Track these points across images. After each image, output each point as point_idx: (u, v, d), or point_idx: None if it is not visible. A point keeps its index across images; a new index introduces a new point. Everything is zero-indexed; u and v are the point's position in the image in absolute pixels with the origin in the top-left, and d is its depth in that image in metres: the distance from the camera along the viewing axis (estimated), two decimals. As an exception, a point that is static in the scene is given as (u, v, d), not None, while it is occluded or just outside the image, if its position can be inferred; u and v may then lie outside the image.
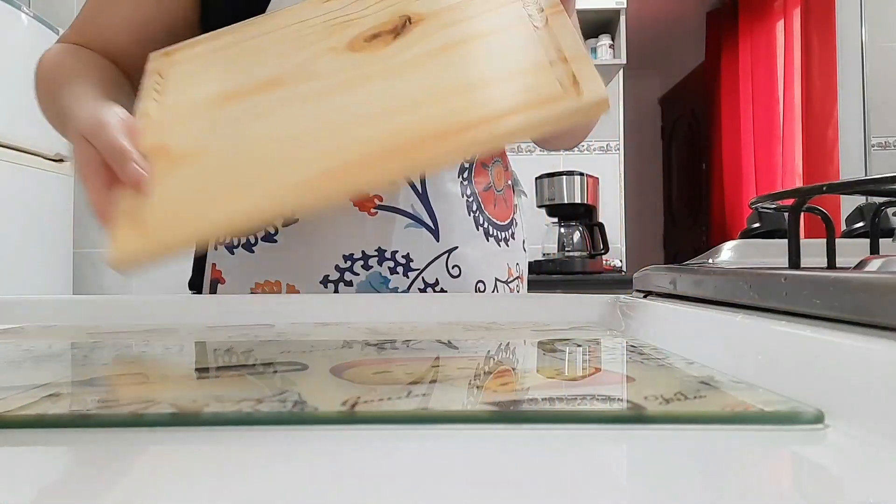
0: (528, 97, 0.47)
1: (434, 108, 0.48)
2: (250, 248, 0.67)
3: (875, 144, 2.43)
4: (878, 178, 0.51)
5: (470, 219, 0.70)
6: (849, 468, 0.17)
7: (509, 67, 0.50)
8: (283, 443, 0.19)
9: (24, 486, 0.16)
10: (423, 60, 0.52)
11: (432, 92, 0.49)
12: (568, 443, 0.19)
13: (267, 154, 0.49)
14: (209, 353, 0.35)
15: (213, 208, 0.47)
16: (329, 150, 0.47)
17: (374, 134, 0.47)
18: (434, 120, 0.47)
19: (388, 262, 0.65)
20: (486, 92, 0.48)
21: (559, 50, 0.49)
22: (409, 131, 0.47)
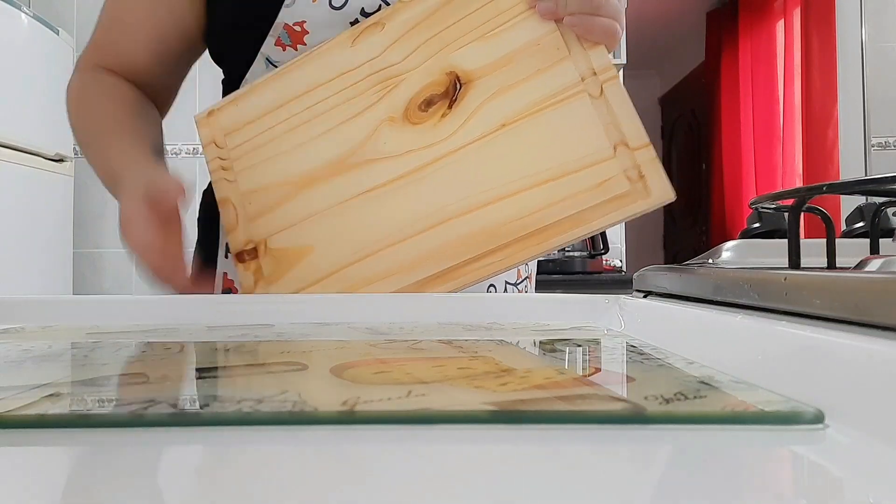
0: (602, 197, 0.49)
1: (517, 205, 0.51)
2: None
3: (875, 144, 2.43)
4: (878, 178, 0.51)
5: None
6: (849, 468, 0.17)
7: (578, 153, 0.51)
8: (283, 443, 0.19)
9: (24, 486, 0.16)
10: (491, 142, 0.53)
11: (511, 181, 0.52)
12: (568, 443, 0.19)
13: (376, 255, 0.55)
14: (209, 353, 0.35)
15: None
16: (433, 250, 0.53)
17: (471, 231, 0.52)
18: (521, 223, 0.51)
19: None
20: (562, 187, 0.50)
21: (619, 130, 0.50)
22: (500, 233, 0.52)
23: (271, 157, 0.59)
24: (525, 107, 0.53)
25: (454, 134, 0.54)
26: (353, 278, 0.55)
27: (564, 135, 0.52)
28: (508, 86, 0.54)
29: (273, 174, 0.59)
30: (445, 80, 0.55)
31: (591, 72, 0.52)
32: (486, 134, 0.53)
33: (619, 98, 0.51)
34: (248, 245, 0.58)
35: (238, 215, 0.59)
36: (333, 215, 0.56)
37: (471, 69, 0.55)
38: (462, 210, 0.53)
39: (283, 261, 0.57)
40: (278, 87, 0.61)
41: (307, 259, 0.56)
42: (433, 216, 0.53)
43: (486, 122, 0.54)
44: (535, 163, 0.52)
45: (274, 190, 0.59)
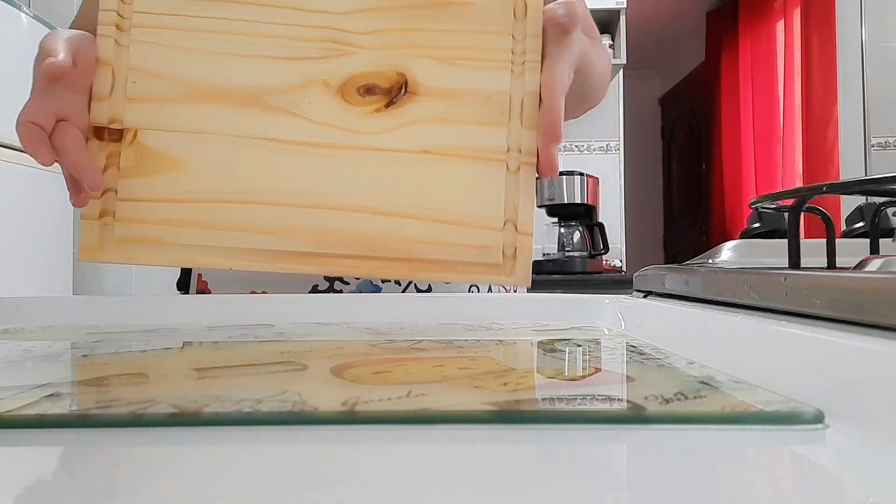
0: (475, 258, 0.54)
1: (403, 228, 0.53)
2: None
3: (875, 144, 2.43)
4: (878, 178, 0.51)
5: None
6: (849, 468, 0.17)
7: (472, 211, 0.54)
8: (283, 443, 0.19)
9: (25, 486, 0.16)
10: (406, 159, 0.54)
11: (405, 203, 0.53)
12: (568, 443, 0.19)
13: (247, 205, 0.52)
14: (209, 353, 0.35)
15: (185, 244, 0.52)
16: (304, 229, 0.52)
17: (349, 232, 0.52)
18: (400, 245, 0.52)
19: None
20: (447, 232, 0.53)
21: (515, 210, 0.53)
22: (378, 246, 0.52)
23: (180, 47, 0.54)
24: (451, 146, 0.54)
25: (378, 134, 0.53)
26: (212, 217, 0.52)
27: (470, 188, 0.53)
28: (446, 118, 0.54)
29: (173, 66, 0.54)
30: (393, 78, 0.54)
31: (518, 149, 0.54)
32: (405, 150, 0.54)
33: (528, 183, 0.54)
34: (113, 124, 0.53)
35: (114, 87, 0.53)
36: (221, 143, 0.53)
37: (421, 83, 0.54)
38: (350, 206, 0.52)
39: (148, 161, 0.52)
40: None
41: (175, 173, 0.52)
42: (320, 197, 0.52)
43: (412, 139, 0.54)
44: (434, 199, 0.53)
45: (167, 82, 0.53)
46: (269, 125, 0.53)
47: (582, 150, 2.57)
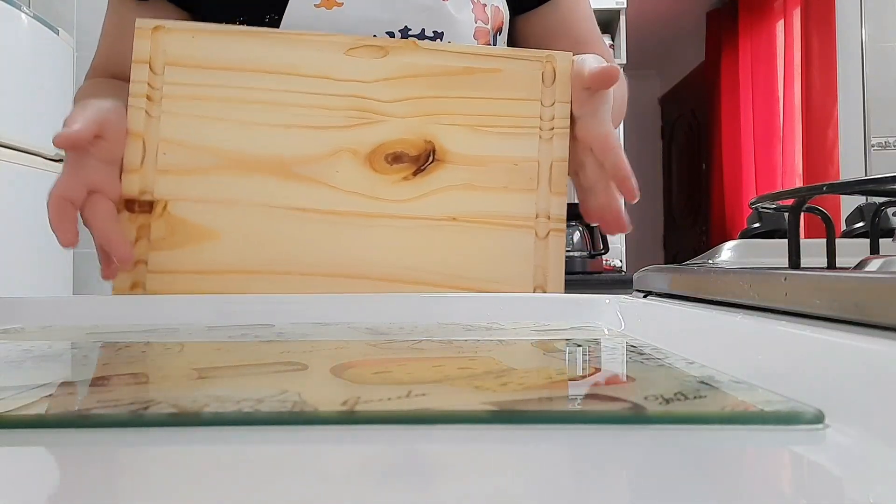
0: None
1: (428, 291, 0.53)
2: None
3: (875, 144, 2.43)
4: (878, 178, 0.51)
5: None
6: (849, 468, 0.17)
7: (500, 276, 0.54)
8: (283, 443, 0.19)
9: (24, 486, 0.16)
10: (433, 226, 0.54)
11: (431, 273, 0.53)
12: (568, 443, 0.19)
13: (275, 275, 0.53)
14: (209, 353, 0.35)
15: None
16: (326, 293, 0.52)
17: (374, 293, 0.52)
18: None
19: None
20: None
21: (545, 276, 0.53)
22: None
23: (209, 117, 0.53)
24: (479, 213, 0.54)
25: (407, 202, 0.53)
26: (240, 289, 0.52)
27: (499, 255, 0.54)
28: (474, 185, 0.54)
29: (203, 136, 0.53)
30: (421, 147, 0.54)
31: (547, 215, 0.54)
32: (434, 218, 0.54)
33: (557, 248, 0.54)
34: (144, 195, 0.52)
35: (145, 158, 0.53)
36: (250, 213, 0.53)
37: (449, 150, 0.54)
38: (377, 275, 0.52)
39: (180, 233, 0.52)
40: (251, 47, 0.54)
41: (204, 244, 0.52)
42: (347, 266, 0.53)
43: (440, 206, 0.54)
44: (463, 265, 0.53)
45: (197, 152, 0.53)
46: (298, 194, 0.53)
47: (582, 150, 2.57)
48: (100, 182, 0.51)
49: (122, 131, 0.52)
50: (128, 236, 0.52)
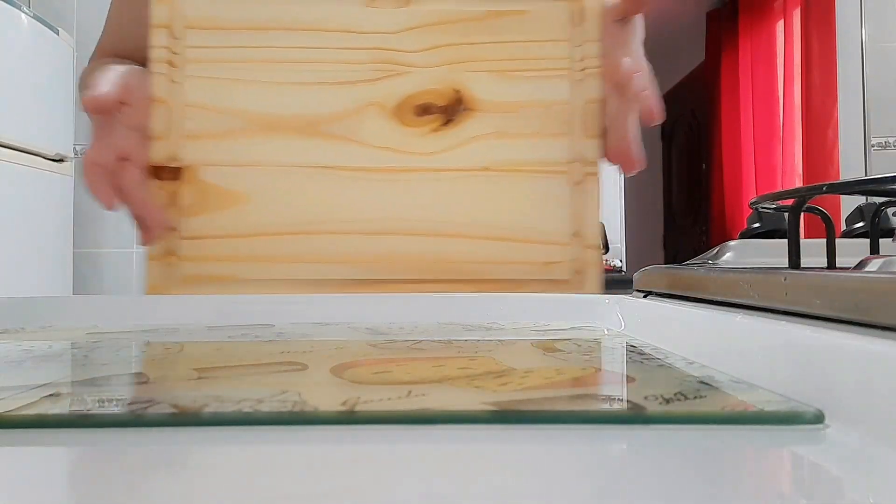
0: (542, 274, 0.51)
1: (466, 247, 0.52)
2: None
3: (875, 144, 2.43)
4: (878, 178, 0.51)
5: None
6: (849, 468, 0.17)
7: (539, 227, 0.52)
8: (283, 443, 0.19)
9: (24, 486, 0.16)
10: (466, 177, 0.53)
11: (469, 223, 0.52)
12: (568, 443, 0.19)
13: (310, 235, 0.52)
14: (209, 353, 0.35)
15: (249, 279, 0.52)
16: (369, 256, 0.52)
17: (412, 253, 0.52)
18: (464, 264, 0.51)
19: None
20: (512, 250, 0.52)
21: (582, 222, 0.52)
22: (442, 266, 0.52)
23: (233, 80, 0.53)
24: (512, 162, 0.53)
25: (437, 154, 0.52)
26: (275, 251, 0.51)
27: (534, 203, 0.52)
28: (505, 133, 0.53)
29: (228, 99, 0.53)
30: (450, 95, 0.53)
31: (581, 160, 0.53)
32: (466, 168, 0.53)
33: (593, 194, 0.53)
34: (172, 163, 0.52)
35: (171, 124, 0.52)
36: (280, 174, 0.52)
37: (478, 98, 0.53)
38: (412, 230, 0.52)
39: (209, 197, 0.52)
40: (270, 6, 0.53)
41: (235, 208, 0.52)
42: (381, 223, 0.52)
43: (471, 157, 0.52)
44: (498, 216, 0.52)
45: (223, 116, 0.52)
46: (327, 153, 0.53)
47: (582, 150, 2.57)
48: (128, 149, 0.50)
49: (145, 96, 0.51)
50: (157, 201, 0.52)
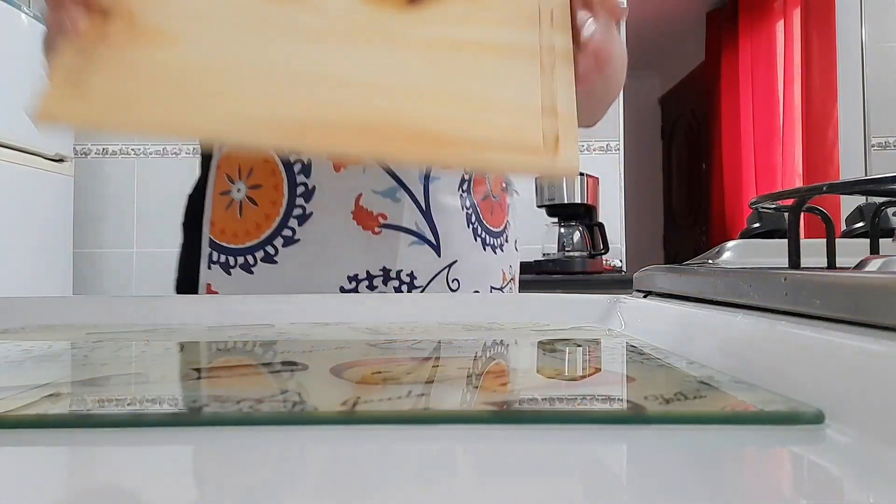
0: (511, 139, 0.47)
1: (425, 106, 0.47)
2: (249, 269, 0.65)
3: (875, 144, 2.43)
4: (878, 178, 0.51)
5: (469, 231, 0.69)
6: (848, 468, 0.17)
7: (506, 97, 0.49)
8: (283, 443, 0.19)
9: (24, 486, 0.16)
10: (430, 47, 0.49)
11: (429, 89, 0.48)
12: (568, 443, 0.19)
13: (244, 78, 0.46)
14: (209, 352, 0.35)
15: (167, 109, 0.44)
16: (311, 103, 0.45)
17: (360, 106, 0.46)
18: (420, 120, 0.46)
19: (392, 281, 0.65)
20: (477, 114, 0.47)
21: (553, 100, 0.49)
22: (394, 120, 0.45)
23: None
24: (478, 40, 0.50)
25: (402, 29, 0.49)
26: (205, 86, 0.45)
27: (503, 81, 0.49)
28: (474, 15, 0.51)
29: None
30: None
31: (551, 48, 0.51)
32: (433, 39, 0.49)
33: (566, 78, 0.49)
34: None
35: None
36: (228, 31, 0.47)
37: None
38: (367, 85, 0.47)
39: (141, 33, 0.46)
40: None
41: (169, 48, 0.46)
42: (332, 78, 0.46)
43: (438, 32, 0.50)
44: (465, 86, 0.48)
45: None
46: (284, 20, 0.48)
47: (582, 150, 2.57)
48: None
49: None
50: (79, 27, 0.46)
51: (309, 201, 0.65)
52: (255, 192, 0.66)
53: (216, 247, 0.66)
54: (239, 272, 0.65)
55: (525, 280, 2.31)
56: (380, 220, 0.65)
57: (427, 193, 0.66)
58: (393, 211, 0.65)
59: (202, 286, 0.65)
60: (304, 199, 0.65)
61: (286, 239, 0.64)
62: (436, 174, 0.67)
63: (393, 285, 0.65)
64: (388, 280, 0.65)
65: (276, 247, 0.64)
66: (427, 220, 0.67)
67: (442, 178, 0.68)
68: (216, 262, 0.65)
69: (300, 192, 0.65)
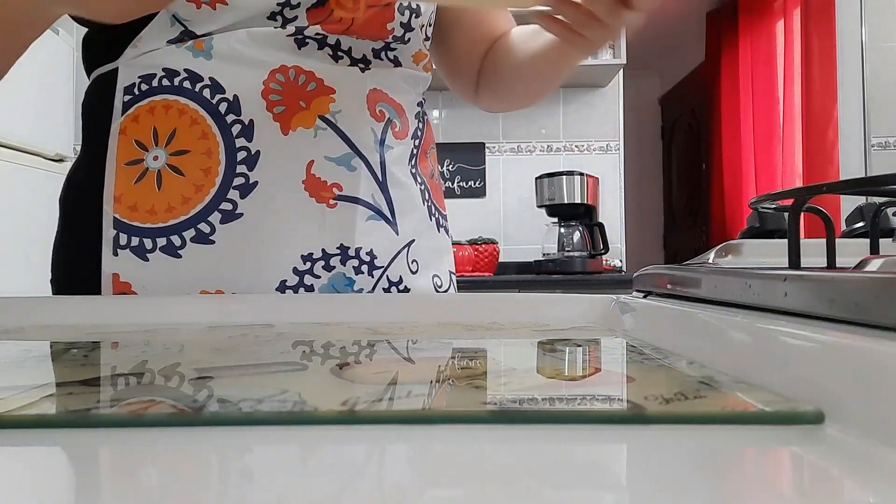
0: None
1: None
2: (175, 251, 0.54)
3: (875, 144, 2.43)
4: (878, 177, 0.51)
5: (424, 209, 0.65)
6: (848, 468, 0.17)
7: None
8: (283, 443, 0.19)
9: (25, 486, 0.16)
10: None
11: None
12: (568, 443, 0.19)
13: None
14: (209, 353, 0.35)
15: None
16: None
17: None
18: None
19: (351, 260, 0.58)
20: None
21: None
22: None
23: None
24: None
25: None
26: None
27: None
28: None
29: None
30: None
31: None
32: None
33: None
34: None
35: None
36: None
37: None
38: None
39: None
40: None
41: None
42: None
43: None
44: None
45: None
46: None
47: (582, 150, 2.57)
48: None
49: None
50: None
51: (253, 169, 0.55)
52: (178, 158, 0.55)
53: (124, 227, 0.55)
54: (160, 257, 0.54)
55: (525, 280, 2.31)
56: (334, 190, 0.57)
57: (383, 163, 0.60)
58: (348, 181, 0.58)
59: (106, 278, 0.55)
60: (245, 165, 0.55)
61: (225, 214, 0.55)
62: (389, 143, 0.61)
63: (352, 265, 0.58)
64: (347, 259, 0.58)
65: (212, 223, 0.55)
66: (384, 192, 0.60)
67: (395, 147, 0.62)
68: (125, 247, 0.55)
69: (241, 158, 0.55)
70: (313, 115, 0.57)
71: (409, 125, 0.65)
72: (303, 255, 0.56)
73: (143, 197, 0.55)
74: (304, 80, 0.57)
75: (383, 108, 0.61)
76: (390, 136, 0.62)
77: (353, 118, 0.59)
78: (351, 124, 0.59)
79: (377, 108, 0.61)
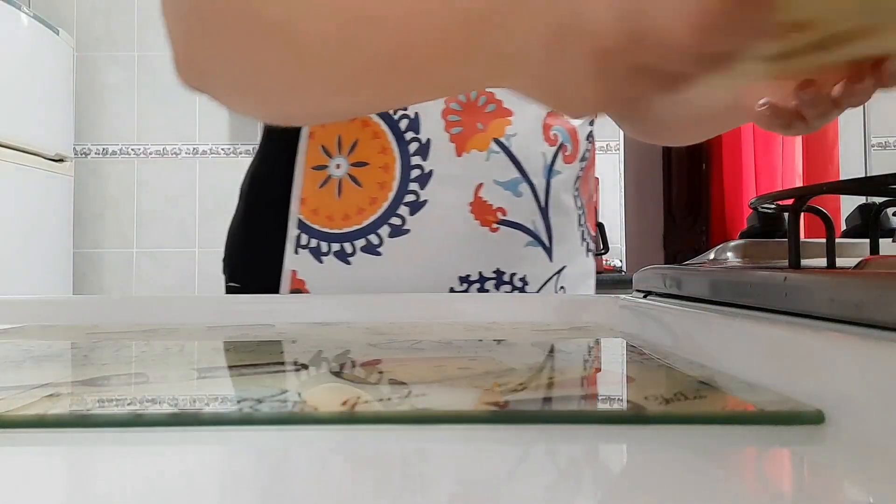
0: None
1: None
2: (345, 258, 0.57)
3: (875, 144, 2.44)
4: (878, 177, 0.51)
5: (578, 234, 0.65)
6: (849, 468, 0.17)
7: None
8: (283, 443, 0.19)
9: (25, 486, 0.16)
10: None
11: None
12: (568, 443, 0.19)
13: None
14: (210, 352, 0.35)
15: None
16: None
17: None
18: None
19: (504, 285, 0.59)
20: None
21: None
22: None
23: None
24: None
25: None
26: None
27: None
28: None
29: None
30: None
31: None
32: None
33: None
34: None
35: None
36: None
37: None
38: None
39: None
40: None
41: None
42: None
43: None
44: None
45: None
46: None
47: (582, 150, 2.57)
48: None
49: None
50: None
51: (424, 188, 0.57)
52: (358, 170, 0.57)
53: (306, 229, 0.58)
54: (333, 261, 0.57)
55: (525, 280, 2.28)
56: (498, 214, 0.58)
57: (548, 189, 0.60)
58: (513, 206, 0.58)
59: (286, 273, 0.58)
60: (418, 183, 0.57)
61: (394, 228, 0.57)
62: (558, 167, 0.61)
63: (505, 289, 0.59)
64: (501, 284, 0.59)
65: (381, 236, 0.57)
66: (544, 218, 0.61)
67: (563, 172, 0.62)
68: (305, 247, 0.57)
69: (415, 176, 0.57)
70: (489, 137, 0.58)
71: (580, 148, 0.64)
72: (460, 275, 0.58)
73: (324, 202, 0.58)
74: (483, 100, 0.58)
75: (557, 131, 0.61)
76: (560, 160, 0.62)
77: (526, 142, 0.59)
78: (524, 149, 0.59)
79: (551, 133, 0.61)
